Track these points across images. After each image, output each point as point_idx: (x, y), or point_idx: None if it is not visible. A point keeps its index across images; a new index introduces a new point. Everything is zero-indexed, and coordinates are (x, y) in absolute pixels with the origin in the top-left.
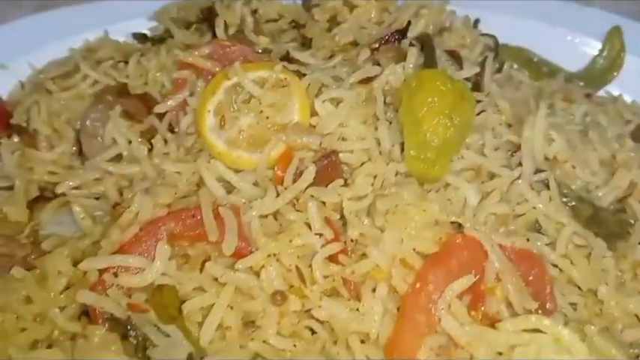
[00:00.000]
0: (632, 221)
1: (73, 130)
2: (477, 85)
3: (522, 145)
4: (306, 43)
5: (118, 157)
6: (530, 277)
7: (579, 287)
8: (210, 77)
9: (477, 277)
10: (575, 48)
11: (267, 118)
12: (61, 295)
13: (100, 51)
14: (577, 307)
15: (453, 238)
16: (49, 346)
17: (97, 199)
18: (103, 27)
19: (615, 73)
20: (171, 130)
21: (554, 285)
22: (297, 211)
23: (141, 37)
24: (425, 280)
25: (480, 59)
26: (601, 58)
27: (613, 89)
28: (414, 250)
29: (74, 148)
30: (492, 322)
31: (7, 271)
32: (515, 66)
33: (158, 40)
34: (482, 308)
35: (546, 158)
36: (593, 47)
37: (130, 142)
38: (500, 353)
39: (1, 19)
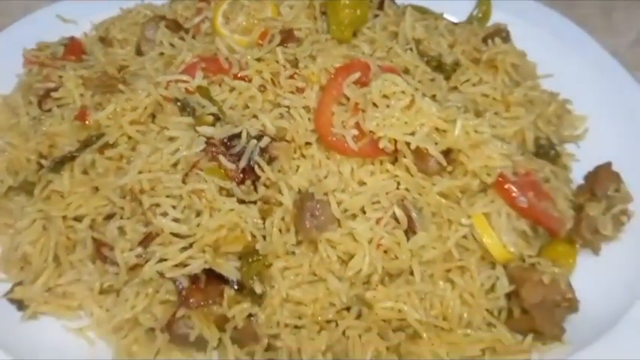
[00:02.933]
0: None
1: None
2: (380, 8)
3: (399, 31)
4: None
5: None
6: None
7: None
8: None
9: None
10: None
11: (253, 16)
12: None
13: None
14: None
15: (353, 59)
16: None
17: None
18: None
19: (485, 23)
20: (194, 37)
21: None
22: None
23: None
24: (337, 74)
25: None
26: (475, 12)
27: None
28: (332, 65)
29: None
30: None
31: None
32: None
33: None
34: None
35: (414, 39)
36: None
37: (170, 44)
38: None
39: None
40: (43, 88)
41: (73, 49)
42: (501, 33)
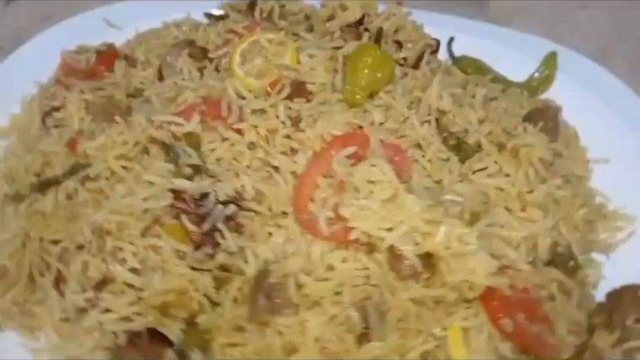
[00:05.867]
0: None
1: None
2: (415, 67)
3: (423, 99)
4: (311, 29)
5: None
6: (396, 158)
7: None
8: None
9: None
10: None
11: (270, 60)
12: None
13: (184, 25)
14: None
15: (354, 131)
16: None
17: None
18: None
19: (547, 86)
20: (217, 69)
21: (412, 169)
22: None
23: (208, 15)
24: (331, 145)
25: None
26: (537, 74)
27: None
28: (329, 132)
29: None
30: None
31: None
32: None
33: (219, 17)
34: None
35: (438, 110)
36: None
37: (189, 71)
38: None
39: None
40: (48, 105)
41: (107, 58)
42: (548, 113)
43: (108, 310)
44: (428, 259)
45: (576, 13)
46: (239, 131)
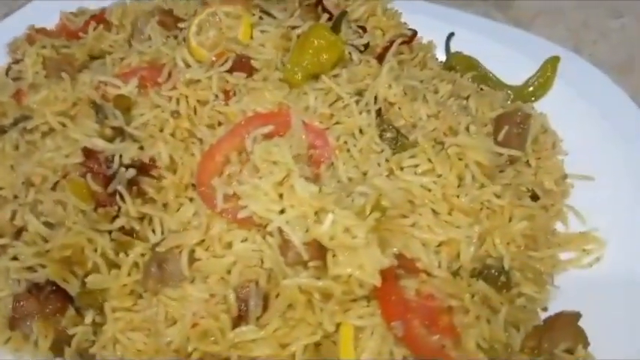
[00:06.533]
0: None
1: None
2: (381, 57)
3: (369, 88)
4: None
5: None
6: (317, 143)
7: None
8: None
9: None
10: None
11: (223, 33)
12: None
13: None
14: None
15: (278, 110)
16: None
17: None
18: None
19: (542, 94)
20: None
21: (334, 156)
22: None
23: None
24: (249, 121)
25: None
26: (534, 78)
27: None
28: (253, 109)
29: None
30: None
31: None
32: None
33: None
34: None
35: (386, 101)
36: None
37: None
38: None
39: None
40: (13, 58)
41: (93, 21)
42: (514, 118)
43: (15, 258)
44: (322, 249)
45: (608, 21)
46: (171, 99)
